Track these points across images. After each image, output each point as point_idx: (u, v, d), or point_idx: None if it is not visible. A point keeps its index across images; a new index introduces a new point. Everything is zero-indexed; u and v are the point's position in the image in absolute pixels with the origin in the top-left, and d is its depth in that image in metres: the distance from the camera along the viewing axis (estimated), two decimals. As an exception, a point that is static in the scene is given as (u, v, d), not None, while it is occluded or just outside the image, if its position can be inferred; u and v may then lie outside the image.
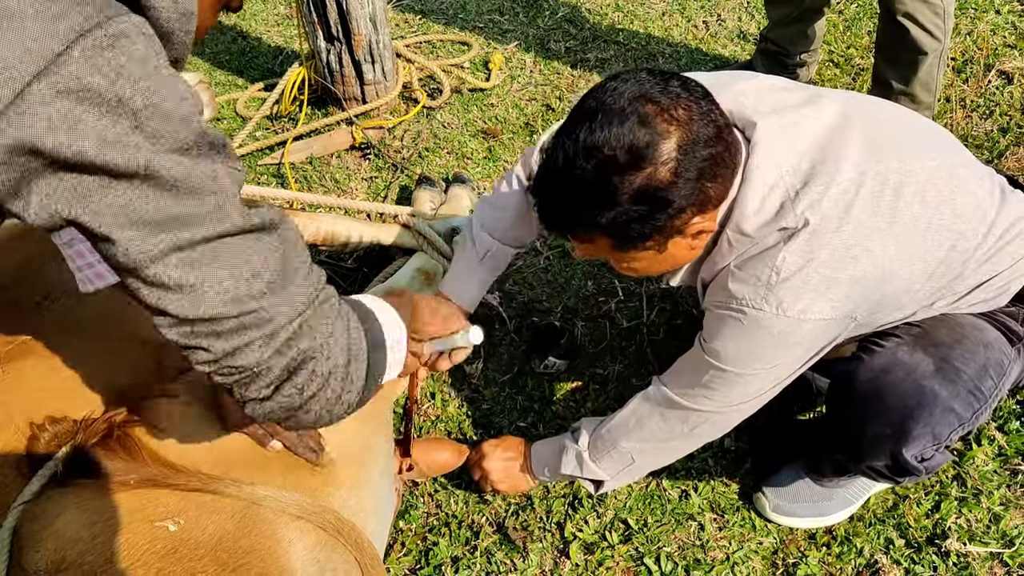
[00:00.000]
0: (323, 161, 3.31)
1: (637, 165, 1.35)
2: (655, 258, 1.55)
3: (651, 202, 1.38)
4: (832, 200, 1.46)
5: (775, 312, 1.48)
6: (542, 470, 2.02)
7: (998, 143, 2.99)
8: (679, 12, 3.91)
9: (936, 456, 1.71)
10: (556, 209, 1.49)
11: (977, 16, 3.59)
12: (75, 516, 1.25)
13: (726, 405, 1.67)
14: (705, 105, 1.41)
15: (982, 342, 1.65)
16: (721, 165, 1.42)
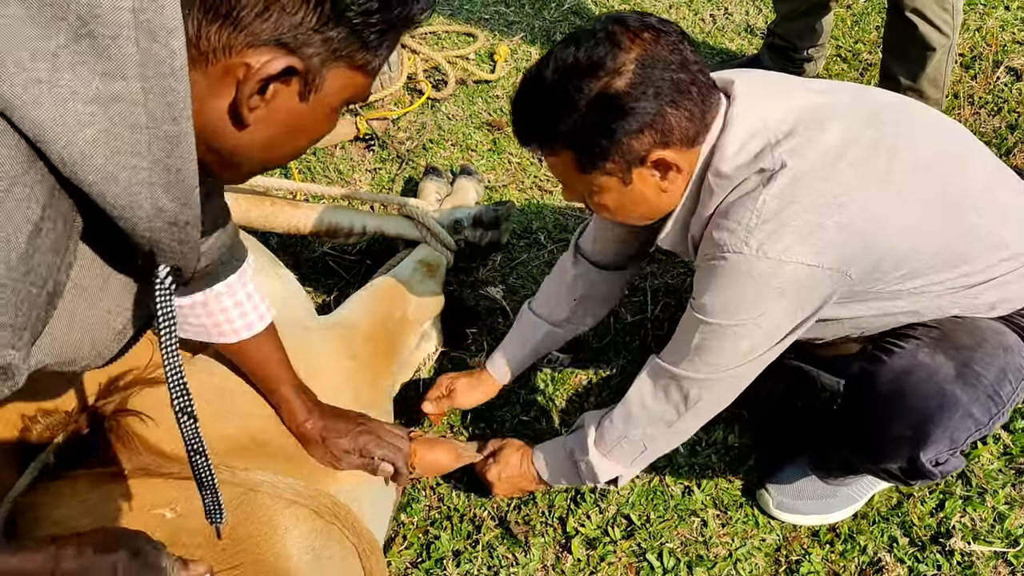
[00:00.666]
0: (327, 152, 3.29)
1: (595, 72, 1.41)
2: (622, 192, 1.55)
3: (607, 110, 1.42)
4: (818, 151, 1.45)
5: (755, 254, 1.45)
6: (559, 480, 1.97)
7: (1006, 140, 2.97)
8: (686, 5, 3.89)
9: (951, 460, 1.68)
10: (525, 118, 1.54)
11: (986, 12, 3.57)
12: (71, 507, 1.24)
13: (721, 368, 1.61)
14: (676, 37, 1.46)
15: (1002, 346, 1.62)
16: (684, 94, 1.44)
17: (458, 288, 2.71)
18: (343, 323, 1.90)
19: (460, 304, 2.64)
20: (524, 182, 3.08)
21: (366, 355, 1.86)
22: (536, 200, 3.01)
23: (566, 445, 1.92)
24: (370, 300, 2.05)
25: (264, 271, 1.92)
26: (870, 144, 1.49)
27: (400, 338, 2.06)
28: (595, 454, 1.83)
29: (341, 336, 1.84)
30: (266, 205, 2.40)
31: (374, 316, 1.98)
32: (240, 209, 2.37)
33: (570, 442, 1.91)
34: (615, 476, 1.86)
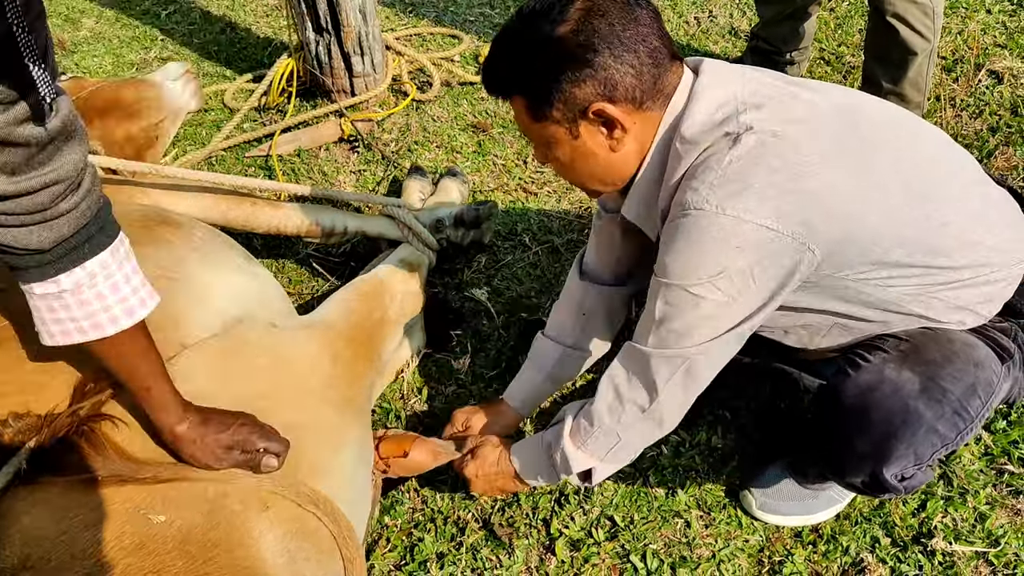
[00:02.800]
0: (311, 154, 3.28)
1: (545, 17, 1.48)
2: (573, 145, 1.58)
3: (549, 53, 1.48)
4: (788, 123, 1.47)
5: (715, 210, 1.43)
6: (535, 477, 1.91)
7: (987, 143, 2.98)
8: (671, 8, 3.90)
9: (916, 475, 1.68)
10: (489, 66, 1.62)
11: (968, 15, 3.59)
12: (41, 513, 1.23)
13: (688, 343, 1.57)
14: (634, 4, 1.50)
15: (973, 361, 1.60)
16: (630, 51, 1.47)
17: (443, 290, 2.70)
18: (323, 323, 1.89)
19: (445, 306, 2.63)
20: (509, 184, 3.07)
21: (346, 355, 1.84)
22: (521, 202, 3.01)
23: (544, 439, 1.87)
24: (350, 300, 2.04)
25: (239, 270, 1.91)
26: (840, 127, 1.51)
27: (380, 338, 2.05)
28: (569, 444, 1.78)
29: (321, 336, 1.83)
30: (246, 205, 2.39)
31: (354, 316, 1.97)
32: (220, 209, 2.36)
33: (548, 436, 1.86)
34: (588, 468, 1.80)
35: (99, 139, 2.62)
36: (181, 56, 3.97)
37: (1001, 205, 1.65)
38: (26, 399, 1.37)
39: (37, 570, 1.17)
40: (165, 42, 4.08)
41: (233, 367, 1.59)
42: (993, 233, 1.60)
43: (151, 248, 1.76)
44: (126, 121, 2.75)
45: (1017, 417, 2.21)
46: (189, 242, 1.86)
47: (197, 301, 1.72)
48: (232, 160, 3.31)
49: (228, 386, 1.56)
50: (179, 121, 2.98)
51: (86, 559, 1.19)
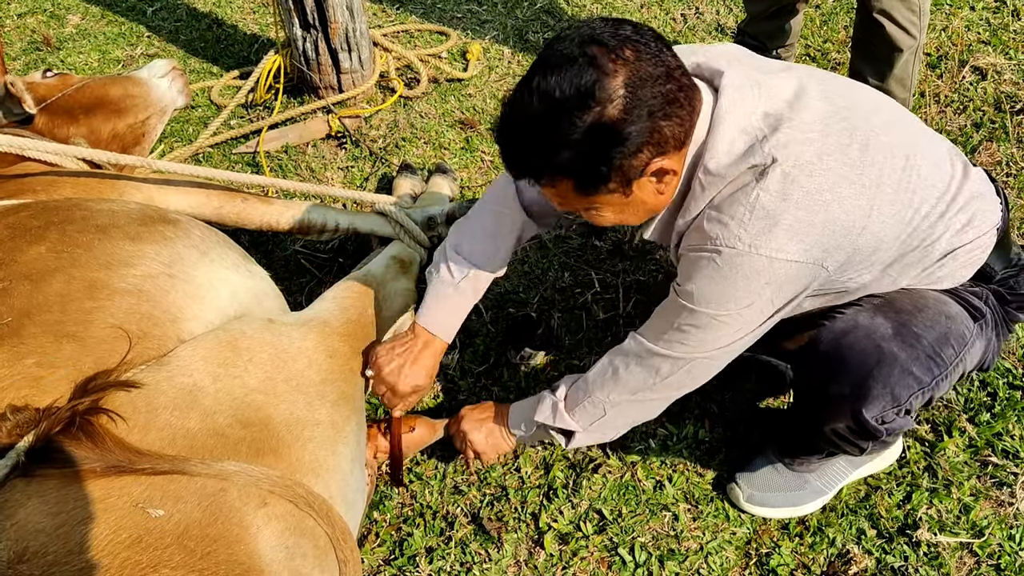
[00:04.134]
0: (299, 150, 3.28)
1: (586, 104, 1.39)
2: (623, 203, 1.57)
3: (604, 140, 1.42)
4: (802, 144, 1.49)
5: (748, 250, 1.50)
6: (519, 424, 2.01)
7: (971, 138, 3.01)
8: (658, 5, 3.91)
9: (897, 420, 1.74)
10: (518, 154, 1.53)
11: (952, 12, 3.62)
12: (38, 506, 1.23)
13: (699, 352, 1.67)
14: (655, 47, 1.45)
15: (944, 313, 1.70)
16: (674, 104, 1.45)
17: (431, 286, 2.70)
18: (318, 319, 1.90)
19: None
20: (497, 180, 3.08)
21: (342, 351, 1.85)
22: (509, 198, 3.01)
23: (539, 394, 1.98)
24: (344, 296, 2.04)
25: (235, 267, 1.91)
26: (845, 137, 1.54)
27: (374, 335, 2.06)
28: (560, 404, 1.90)
29: (317, 332, 1.83)
30: (238, 201, 2.39)
31: (349, 312, 1.98)
32: (213, 205, 2.36)
33: (545, 392, 1.97)
34: (570, 431, 1.91)
35: (86, 136, 2.62)
36: (168, 53, 3.95)
37: (972, 179, 1.73)
38: (25, 393, 1.37)
39: (33, 564, 1.17)
40: (151, 39, 4.06)
41: (230, 361, 1.60)
42: (967, 210, 1.68)
43: (152, 246, 1.77)
44: (113, 118, 2.74)
45: (1001, 409, 2.24)
46: (188, 239, 1.86)
47: (195, 298, 1.72)
48: (219, 157, 3.30)
49: (225, 379, 1.56)
50: (166, 118, 2.97)
51: (83, 553, 1.19)
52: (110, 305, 1.58)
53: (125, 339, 1.52)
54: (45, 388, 1.40)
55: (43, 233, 1.71)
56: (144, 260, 1.72)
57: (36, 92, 2.54)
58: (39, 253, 1.64)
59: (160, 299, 1.65)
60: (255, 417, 1.54)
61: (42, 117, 2.52)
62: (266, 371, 1.64)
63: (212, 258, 1.86)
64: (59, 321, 1.50)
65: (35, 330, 1.47)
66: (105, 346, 1.50)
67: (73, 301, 1.55)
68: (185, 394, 1.49)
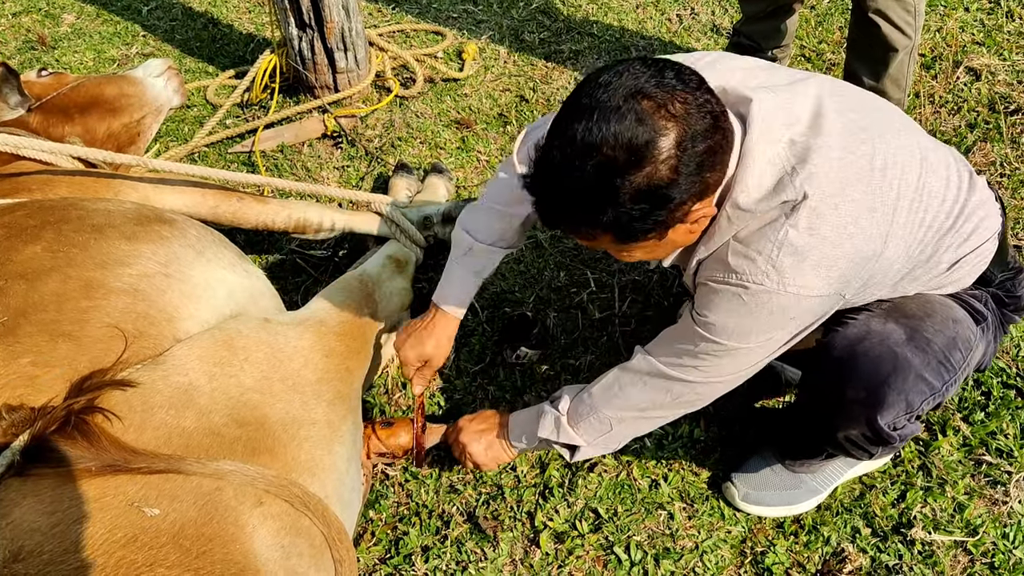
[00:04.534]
0: (294, 150, 3.28)
1: (638, 164, 1.33)
2: (656, 245, 1.54)
3: (653, 200, 1.37)
4: (827, 177, 1.47)
5: (776, 287, 1.49)
6: (520, 437, 2.00)
7: (966, 139, 3.02)
8: (653, 5, 3.91)
9: (908, 426, 1.75)
10: (556, 209, 1.46)
11: (947, 13, 3.63)
12: (33, 505, 1.23)
13: (714, 377, 1.68)
14: (701, 96, 1.38)
15: (951, 317, 1.70)
16: (719, 153, 1.41)
17: (427, 285, 2.71)
18: (314, 318, 1.90)
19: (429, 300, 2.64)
20: (493, 180, 3.08)
21: (339, 351, 1.85)
22: (505, 197, 3.01)
23: (539, 408, 1.97)
24: (340, 296, 2.04)
25: (232, 267, 1.91)
26: (865, 162, 1.52)
27: (370, 334, 2.06)
28: (565, 419, 1.89)
29: (313, 331, 1.84)
30: (234, 200, 2.39)
31: (345, 312, 1.98)
32: (209, 204, 2.36)
33: (544, 406, 1.96)
34: (575, 445, 1.90)
35: (81, 135, 2.62)
36: (163, 52, 3.95)
37: (977, 187, 1.73)
38: (20, 392, 1.37)
39: (29, 563, 1.17)
40: (147, 38, 4.05)
41: (226, 360, 1.60)
42: (972, 219, 1.68)
43: (148, 245, 1.77)
44: (108, 117, 2.73)
45: (995, 408, 2.25)
46: (184, 239, 1.86)
47: (191, 297, 1.72)
48: (215, 156, 3.30)
49: (221, 379, 1.56)
50: (161, 117, 2.97)
51: (78, 552, 1.19)
52: (106, 304, 1.58)
53: (121, 338, 1.52)
54: (40, 387, 1.39)
55: (39, 232, 1.70)
56: (140, 259, 1.72)
57: (31, 91, 2.54)
58: (35, 252, 1.64)
59: (156, 298, 1.65)
60: (251, 416, 1.54)
61: (37, 116, 2.52)
62: (262, 370, 1.64)
63: (208, 257, 1.86)
64: (55, 320, 1.50)
65: (31, 329, 1.47)
66: (101, 345, 1.50)
67: (69, 300, 1.55)
68: (181, 393, 1.49)
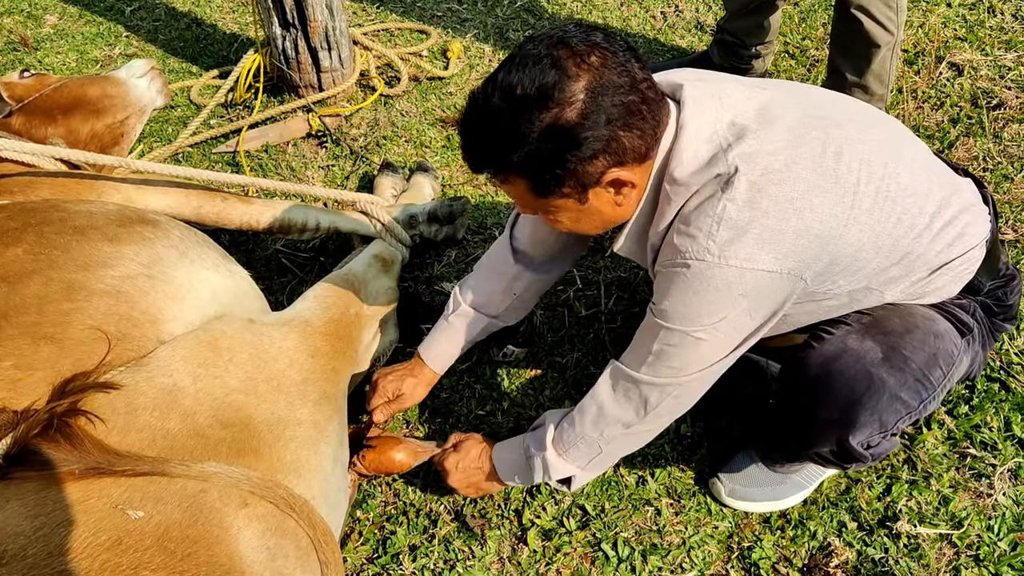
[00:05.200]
0: (279, 149, 3.27)
1: (544, 104, 1.40)
2: (579, 209, 1.57)
3: (559, 141, 1.42)
4: (770, 154, 1.48)
5: (717, 261, 1.48)
6: (512, 477, 1.97)
7: (948, 134, 3.04)
8: (637, 2, 3.92)
9: (883, 443, 1.72)
10: (475, 147, 1.54)
11: (929, 9, 3.65)
12: (16, 509, 1.22)
13: (683, 375, 1.65)
14: (623, 56, 1.44)
15: (932, 332, 1.66)
16: (636, 115, 1.44)
17: (413, 284, 2.71)
18: (300, 318, 1.89)
19: (415, 300, 2.64)
20: (479, 178, 3.08)
21: (324, 351, 1.85)
22: (491, 196, 3.02)
23: (524, 442, 1.93)
24: (326, 296, 2.04)
25: (215, 267, 1.90)
26: (818, 146, 1.51)
27: (356, 333, 2.05)
28: (551, 452, 1.85)
29: (299, 331, 1.83)
30: (218, 201, 2.38)
31: (330, 312, 1.98)
32: (192, 205, 2.35)
33: (528, 439, 1.92)
34: (568, 476, 1.87)
35: (63, 137, 2.60)
36: (146, 52, 3.93)
37: (962, 191, 1.70)
38: (2, 396, 1.36)
39: (12, 567, 1.16)
40: (130, 38, 4.03)
41: (211, 361, 1.59)
42: (956, 224, 1.64)
43: (130, 246, 1.76)
44: (91, 118, 2.72)
45: (979, 402, 2.26)
46: (167, 240, 1.85)
47: (175, 299, 1.71)
48: (199, 157, 3.28)
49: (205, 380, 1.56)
50: (145, 118, 2.95)
51: (62, 556, 1.18)
52: (88, 307, 1.57)
53: (104, 341, 1.51)
54: (23, 390, 1.39)
55: (20, 235, 1.69)
56: (123, 261, 1.71)
57: (13, 92, 2.52)
58: (16, 255, 1.63)
59: (139, 300, 1.65)
60: (236, 417, 1.54)
61: (19, 117, 2.50)
62: (247, 371, 1.63)
63: (192, 258, 1.85)
64: (36, 323, 1.49)
65: (12, 332, 1.46)
66: (84, 348, 1.49)
67: (51, 303, 1.54)
68: (165, 395, 1.49)
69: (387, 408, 2.14)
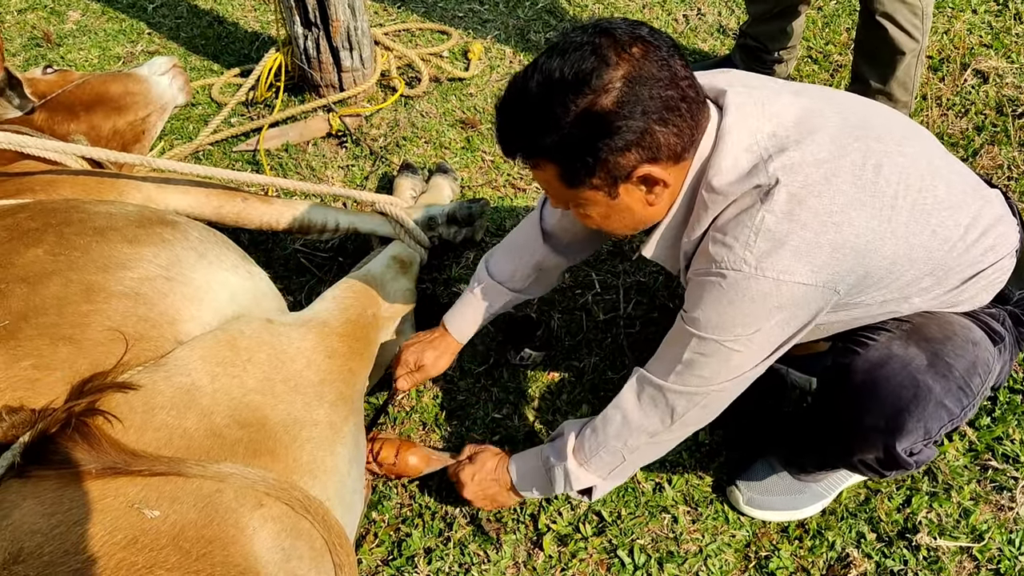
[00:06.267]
0: (299, 149, 3.27)
1: (580, 89, 1.39)
2: (609, 205, 1.55)
3: (592, 128, 1.41)
4: (811, 167, 1.46)
5: (754, 272, 1.46)
6: (530, 489, 1.96)
7: (973, 141, 3.00)
8: (659, 5, 3.90)
9: (924, 450, 1.70)
10: (509, 130, 1.53)
11: (954, 15, 3.61)
12: (33, 507, 1.22)
13: (712, 384, 1.63)
14: (666, 51, 1.43)
15: (970, 340, 1.64)
16: (673, 111, 1.43)
17: (431, 286, 2.70)
18: (318, 319, 1.89)
19: (433, 302, 2.63)
20: (498, 180, 3.08)
21: (342, 352, 1.84)
22: (509, 198, 3.01)
23: (542, 453, 1.92)
24: (344, 296, 2.04)
25: (234, 269, 1.90)
26: (859, 158, 1.50)
27: (373, 335, 2.05)
28: (572, 462, 1.83)
29: (316, 332, 1.83)
30: (238, 201, 2.38)
31: (348, 312, 1.97)
32: (213, 205, 2.35)
33: (547, 450, 1.91)
34: (590, 486, 1.85)
35: (85, 133, 2.61)
36: (168, 50, 3.95)
37: (993, 203, 1.68)
38: (21, 395, 1.36)
39: (29, 564, 1.16)
40: (152, 36, 4.05)
41: (229, 360, 1.59)
42: (989, 234, 1.63)
43: (149, 248, 1.76)
44: (113, 115, 2.73)
45: (1001, 414, 2.24)
46: (186, 241, 1.85)
47: (193, 300, 1.71)
48: (219, 155, 3.29)
49: (223, 379, 1.55)
50: (166, 115, 2.97)
51: (78, 554, 1.18)
52: (107, 308, 1.57)
53: (122, 342, 1.51)
54: (41, 390, 1.39)
55: (40, 235, 1.70)
56: (141, 263, 1.71)
57: (36, 88, 2.54)
58: (36, 256, 1.64)
59: (157, 302, 1.65)
60: (252, 418, 1.53)
61: (42, 114, 2.52)
62: (264, 371, 1.63)
63: (210, 260, 1.85)
64: (56, 324, 1.50)
65: (32, 332, 1.47)
66: (102, 349, 1.49)
67: (70, 304, 1.54)
68: (183, 393, 1.49)
69: (410, 377, 2.13)
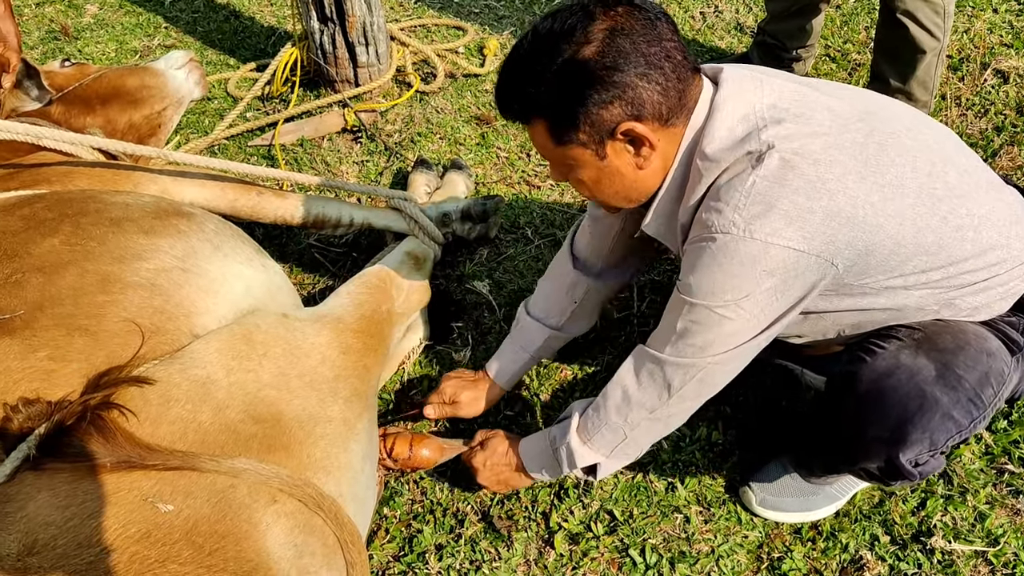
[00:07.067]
0: (314, 144, 3.28)
1: (566, 39, 1.45)
2: (599, 168, 1.57)
3: (574, 77, 1.45)
4: (808, 137, 1.46)
5: (742, 234, 1.45)
6: (539, 470, 1.97)
7: (992, 142, 2.98)
8: (676, 3, 3.89)
9: (931, 461, 1.68)
10: (502, 87, 1.58)
11: (974, 14, 3.58)
12: (47, 499, 1.23)
13: (705, 354, 1.62)
14: (653, 15, 1.48)
15: (985, 350, 1.61)
16: (656, 68, 1.46)
17: (444, 282, 2.70)
18: (332, 315, 1.89)
19: (447, 298, 2.63)
20: (512, 177, 3.07)
21: (356, 348, 1.84)
22: (524, 195, 3.00)
23: (550, 433, 1.94)
24: (358, 292, 2.04)
25: (249, 261, 1.91)
26: (860, 136, 1.49)
27: (387, 331, 2.05)
28: (575, 440, 1.85)
29: (331, 328, 1.83)
30: (253, 195, 2.39)
31: (362, 308, 1.97)
32: (228, 198, 2.36)
33: (554, 431, 1.93)
34: (593, 464, 1.86)
35: (102, 126, 2.62)
36: (185, 44, 3.96)
37: (1011, 203, 1.66)
38: (37, 386, 1.37)
39: (43, 556, 1.16)
40: (169, 30, 4.06)
41: (244, 354, 1.59)
42: (1005, 232, 1.60)
43: (165, 239, 1.76)
44: (129, 109, 2.74)
45: (1018, 417, 2.21)
46: (202, 233, 1.86)
47: (208, 292, 1.72)
48: (235, 149, 3.30)
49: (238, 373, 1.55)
50: (182, 109, 2.98)
51: (92, 547, 1.19)
52: (123, 299, 1.58)
53: (138, 333, 1.51)
54: (57, 382, 1.39)
55: (57, 226, 1.70)
56: (157, 254, 1.71)
57: (54, 81, 2.55)
58: (52, 246, 1.64)
59: (173, 293, 1.65)
60: (267, 413, 1.53)
61: (59, 106, 2.53)
62: (279, 366, 1.63)
63: (226, 252, 1.85)
64: (71, 315, 1.50)
65: (47, 323, 1.47)
66: (117, 340, 1.50)
67: (86, 295, 1.55)
68: (198, 386, 1.49)
69: (440, 408, 2.19)
